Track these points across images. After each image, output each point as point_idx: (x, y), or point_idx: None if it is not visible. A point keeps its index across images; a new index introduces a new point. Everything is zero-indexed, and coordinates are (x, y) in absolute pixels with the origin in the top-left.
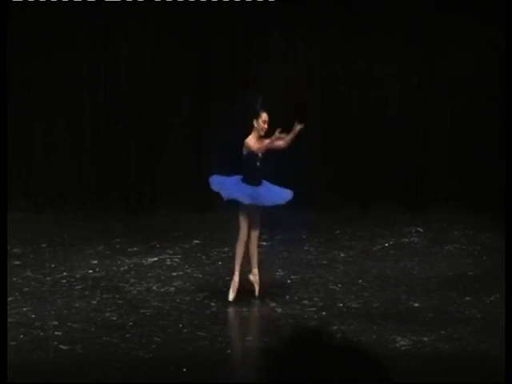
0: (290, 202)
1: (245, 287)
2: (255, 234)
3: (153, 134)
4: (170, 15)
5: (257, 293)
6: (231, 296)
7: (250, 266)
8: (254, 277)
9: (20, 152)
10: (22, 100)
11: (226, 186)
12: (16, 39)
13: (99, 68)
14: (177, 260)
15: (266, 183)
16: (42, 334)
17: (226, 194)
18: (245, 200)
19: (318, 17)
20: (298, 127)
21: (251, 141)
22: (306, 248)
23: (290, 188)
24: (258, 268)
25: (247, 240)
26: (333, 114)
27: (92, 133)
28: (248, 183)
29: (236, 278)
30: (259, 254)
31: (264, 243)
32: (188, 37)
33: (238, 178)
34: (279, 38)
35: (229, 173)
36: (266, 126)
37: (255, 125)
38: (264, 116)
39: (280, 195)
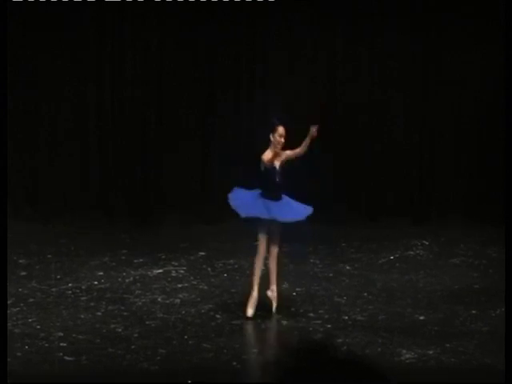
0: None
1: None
2: (275, 250)
3: (158, 141)
4: (171, 16)
5: (274, 309)
6: (250, 312)
7: (269, 282)
8: (272, 293)
9: (24, 158)
10: (24, 103)
11: (244, 202)
12: (16, 39)
13: (103, 71)
14: (182, 272)
15: (286, 198)
16: (47, 345)
17: (243, 213)
18: (263, 215)
19: (319, 17)
20: (313, 130)
21: (267, 155)
22: (311, 260)
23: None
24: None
25: (267, 256)
26: (340, 126)
27: (97, 138)
28: (268, 198)
29: (255, 294)
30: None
31: None
32: (189, 38)
33: (257, 192)
34: (279, 38)
35: (246, 186)
36: (282, 140)
37: (271, 139)
38: (281, 130)
39: (300, 211)
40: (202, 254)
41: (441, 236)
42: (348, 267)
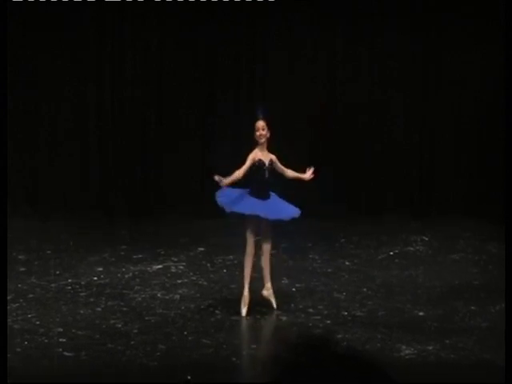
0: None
1: (255, 300)
2: (267, 247)
3: (158, 141)
4: (171, 16)
5: (275, 306)
6: (244, 311)
7: (263, 280)
8: (268, 291)
9: (24, 158)
10: (24, 103)
11: (230, 198)
12: (16, 39)
13: (104, 71)
14: (181, 267)
15: (275, 197)
16: (46, 340)
17: (228, 208)
18: (245, 211)
19: (319, 18)
20: (309, 173)
21: (254, 153)
22: (310, 256)
23: (298, 201)
24: (271, 278)
25: (259, 253)
26: (340, 126)
27: (97, 138)
28: (256, 196)
29: (246, 292)
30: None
31: None
32: (189, 38)
33: (245, 190)
34: (279, 38)
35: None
36: (263, 133)
37: (255, 138)
38: (258, 125)
39: (286, 210)
40: (202, 249)
41: (440, 232)
42: (347, 263)
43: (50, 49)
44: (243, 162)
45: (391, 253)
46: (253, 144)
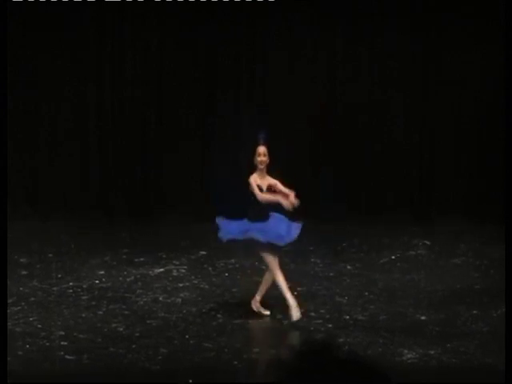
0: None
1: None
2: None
3: (158, 141)
4: (171, 16)
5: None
6: (296, 316)
7: (256, 292)
8: (256, 304)
9: (24, 158)
10: (24, 103)
11: (236, 231)
12: (16, 39)
13: (104, 71)
14: (183, 271)
15: (274, 218)
16: (48, 344)
17: (222, 235)
18: (239, 236)
19: (319, 18)
20: (290, 202)
21: (253, 178)
22: (312, 260)
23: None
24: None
25: (267, 268)
26: (340, 126)
27: (97, 138)
28: (255, 220)
29: (292, 302)
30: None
31: None
32: (189, 38)
33: (244, 219)
34: (279, 38)
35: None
36: (263, 159)
37: (255, 162)
38: (259, 150)
39: (287, 232)
40: (203, 253)
41: (442, 236)
42: (349, 267)
43: (50, 49)
44: (243, 183)
45: (393, 257)
46: (252, 169)
